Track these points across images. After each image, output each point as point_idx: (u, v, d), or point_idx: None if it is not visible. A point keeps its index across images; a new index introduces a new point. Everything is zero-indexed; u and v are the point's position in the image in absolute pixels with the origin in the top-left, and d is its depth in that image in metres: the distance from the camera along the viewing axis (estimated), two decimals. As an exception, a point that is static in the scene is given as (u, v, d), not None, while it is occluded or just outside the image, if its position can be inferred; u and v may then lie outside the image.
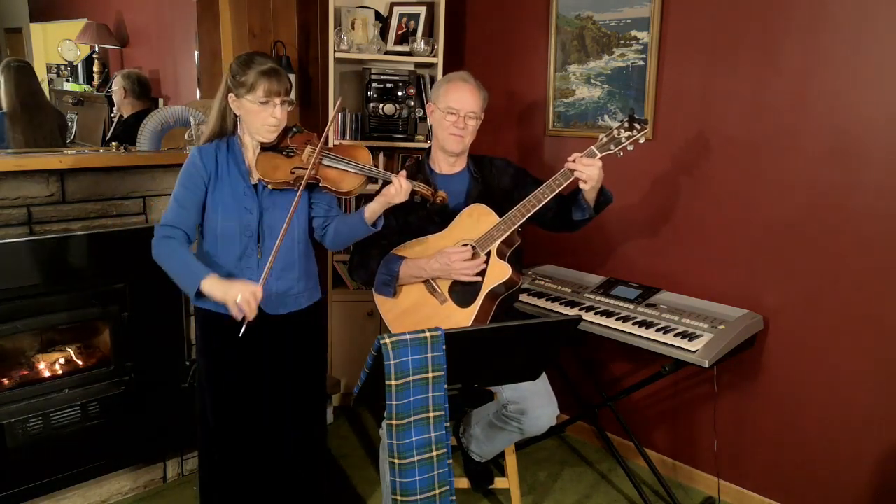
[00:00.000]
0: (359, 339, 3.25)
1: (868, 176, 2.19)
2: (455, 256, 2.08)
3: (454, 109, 2.19)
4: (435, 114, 2.26)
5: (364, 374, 1.60)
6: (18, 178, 2.37)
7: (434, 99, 2.27)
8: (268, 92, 1.86)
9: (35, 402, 2.50)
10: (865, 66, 2.17)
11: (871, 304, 2.22)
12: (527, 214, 2.08)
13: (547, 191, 2.08)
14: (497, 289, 2.10)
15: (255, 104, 1.88)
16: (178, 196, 1.95)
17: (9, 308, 2.41)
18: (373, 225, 1.97)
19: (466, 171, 2.32)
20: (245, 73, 1.87)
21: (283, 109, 1.91)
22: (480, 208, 2.16)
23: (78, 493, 2.44)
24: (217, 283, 1.82)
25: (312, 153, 1.94)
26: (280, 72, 1.90)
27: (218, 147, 1.97)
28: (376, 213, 1.96)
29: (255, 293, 1.78)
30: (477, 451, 2.46)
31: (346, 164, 1.97)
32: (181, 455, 2.68)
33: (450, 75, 2.29)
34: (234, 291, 1.78)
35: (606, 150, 2.07)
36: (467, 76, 2.26)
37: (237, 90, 1.89)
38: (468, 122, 2.21)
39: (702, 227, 2.61)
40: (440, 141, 2.26)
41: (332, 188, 1.96)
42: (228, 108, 1.95)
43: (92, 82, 3.06)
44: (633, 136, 2.06)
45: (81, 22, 3.02)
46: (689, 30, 2.55)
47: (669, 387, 2.78)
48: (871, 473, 2.29)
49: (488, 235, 2.11)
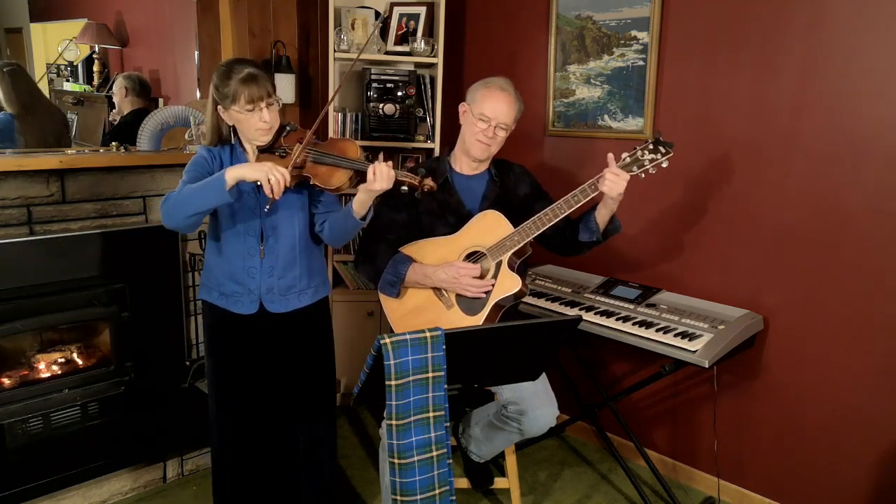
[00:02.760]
0: (359, 339, 3.25)
1: (868, 176, 2.19)
2: (464, 272, 2.06)
3: (486, 117, 2.14)
4: (467, 116, 2.21)
5: (364, 374, 1.60)
6: (18, 178, 2.38)
7: (469, 100, 2.21)
8: (250, 98, 1.86)
9: (35, 402, 2.50)
10: (865, 66, 2.17)
11: (871, 304, 2.22)
12: (542, 228, 2.05)
13: (564, 206, 2.04)
14: (504, 300, 2.08)
15: (242, 112, 1.88)
16: (188, 179, 1.94)
17: (9, 308, 2.41)
18: (363, 218, 1.94)
19: (487, 174, 2.30)
20: (226, 85, 1.86)
21: (271, 111, 1.91)
22: (495, 215, 2.12)
23: (78, 493, 2.44)
24: (240, 167, 1.82)
25: (300, 151, 1.93)
26: (258, 76, 1.87)
27: (223, 151, 2.00)
28: (364, 203, 1.92)
29: (283, 174, 1.79)
30: (476, 452, 2.46)
31: (334, 159, 1.93)
32: (181, 455, 2.68)
33: (490, 80, 2.21)
34: (265, 167, 1.79)
35: (629, 172, 2.01)
36: (507, 85, 2.19)
37: (223, 102, 1.89)
38: (498, 132, 2.17)
39: (702, 228, 2.61)
40: (466, 144, 2.22)
41: (323, 185, 1.93)
42: (220, 119, 1.95)
43: (92, 82, 3.05)
44: (657, 159, 2.00)
45: (81, 22, 3.01)
46: (689, 30, 2.55)
47: (669, 387, 2.78)
48: (871, 473, 2.29)
49: (501, 245, 2.08)
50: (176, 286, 2.82)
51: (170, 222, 1.88)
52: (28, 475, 2.35)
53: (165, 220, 1.88)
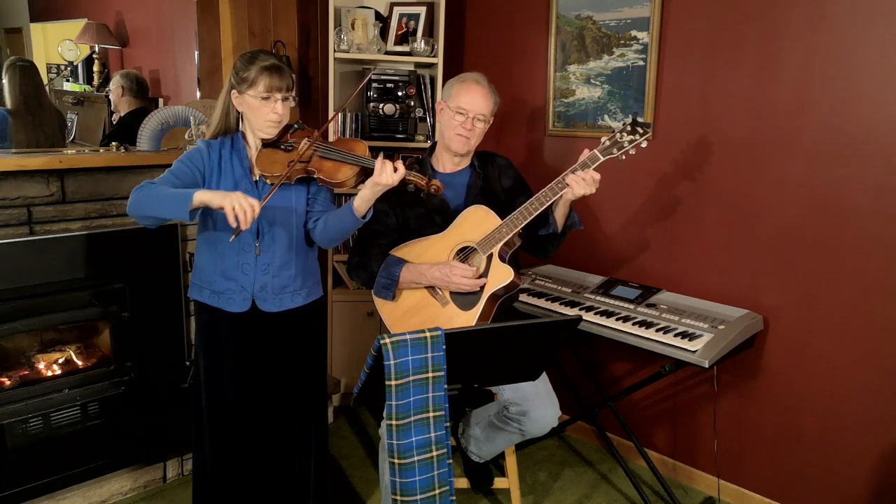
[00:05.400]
0: (359, 339, 3.25)
1: (868, 176, 2.19)
2: (456, 271, 2.08)
3: (463, 110, 2.18)
4: (444, 112, 2.24)
5: (364, 375, 1.60)
6: (18, 178, 2.37)
7: (445, 97, 2.25)
8: (269, 87, 1.87)
9: (35, 402, 2.50)
10: (865, 66, 2.17)
11: (870, 304, 2.22)
12: (528, 217, 2.07)
13: (549, 193, 2.07)
14: (498, 291, 2.10)
15: (256, 99, 1.89)
16: (175, 169, 1.92)
17: (9, 308, 2.41)
18: (363, 217, 1.92)
19: (469, 169, 2.32)
20: (248, 69, 1.89)
21: (285, 106, 1.92)
22: (482, 210, 2.15)
23: (78, 493, 2.44)
24: (211, 192, 1.79)
25: (308, 145, 1.94)
26: (282, 68, 1.91)
27: (223, 143, 1.99)
28: (367, 200, 1.90)
29: (252, 204, 1.73)
30: (476, 452, 2.46)
31: (342, 155, 1.95)
32: (181, 455, 2.68)
33: (464, 75, 2.26)
34: (233, 196, 1.74)
35: (609, 154, 2.06)
36: (481, 78, 2.24)
37: (239, 86, 1.90)
38: (476, 124, 2.20)
39: (702, 228, 2.61)
40: (446, 140, 2.25)
41: (327, 179, 1.93)
42: (231, 105, 1.96)
43: (92, 82, 3.06)
44: (635, 140, 2.05)
45: (81, 22, 3.02)
46: (689, 30, 2.55)
47: (669, 387, 2.78)
48: (871, 473, 2.29)
49: (490, 238, 2.10)
50: (175, 286, 2.82)
51: (130, 210, 1.86)
52: (28, 475, 2.35)
53: (129, 207, 1.85)
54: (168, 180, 1.89)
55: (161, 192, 1.82)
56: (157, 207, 1.81)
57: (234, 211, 1.71)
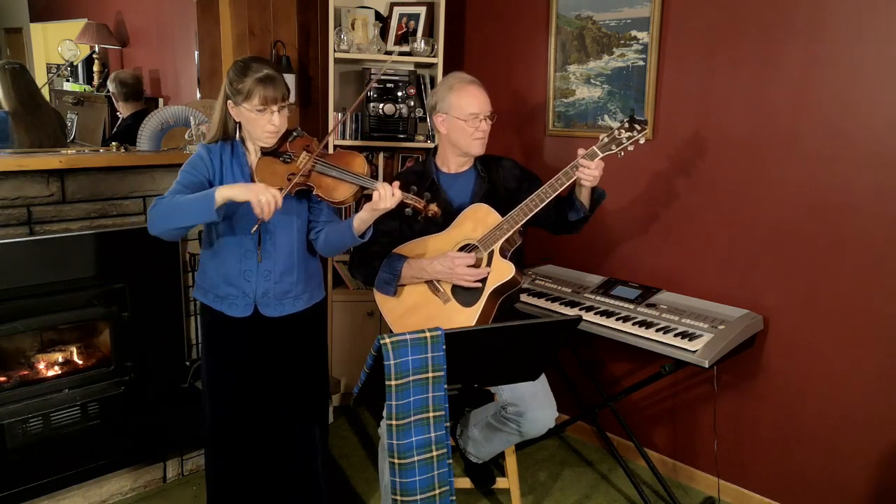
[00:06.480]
0: (359, 339, 3.25)
1: (868, 176, 2.19)
2: (458, 261, 2.07)
3: (476, 114, 2.17)
4: (451, 122, 2.20)
5: (364, 374, 1.60)
6: (18, 178, 2.38)
7: (444, 109, 2.21)
8: (264, 100, 1.84)
9: (35, 402, 2.50)
10: (865, 66, 2.17)
11: (870, 304, 2.22)
12: (529, 214, 2.08)
13: (549, 190, 2.08)
14: (500, 288, 2.10)
15: (252, 112, 1.86)
16: (182, 180, 1.92)
17: (9, 308, 2.41)
18: (361, 236, 1.93)
19: (473, 171, 2.31)
20: (242, 81, 1.85)
21: (282, 115, 1.89)
22: (483, 208, 2.15)
23: (78, 493, 2.44)
24: (230, 187, 1.79)
25: (307, 160, 1.92)
26: (276, 78, 1.87)
27: (223, 148, 1.97)
28: (365, 222, 1.91)
29: (275, 195, 1.75)
30: (474, 453, 2.46)
31: (340, 172, 1.92)
32: (181, 455, 2.68)
33: (452, 82, 2.23)
34: (256, 188, 1.75)
35: (608, 151, 2.08)
36: (469, 76, 2.24)
37: (235, 98, 1.87)
38: (488, 121, 2.21)
39: (702, 227, 2.61)
40: (463, 147, 2.22)
41: (325, 197, 1.93)
42: (228, 114, 1.93)
43: (92, 82, 3.06)
44: (633, 136, 2.06)
45: (81, 22, 3.02)
46: (689, 30, 2.55)
47: (669, 387, 2.78)
48: (871, 473, 2.29)
49: (491, 235, 2.10)
50: (176, 286, 2.82)
51: (154, 230, 1.85)
52: (28, 475, 2.35)
53: (150, 226, 1.85)
54: (178, 191, 1.89)
55: (181, 202, 1.81)
56: (182, 217, 1.81)
57: (261, 203, 1.73)
